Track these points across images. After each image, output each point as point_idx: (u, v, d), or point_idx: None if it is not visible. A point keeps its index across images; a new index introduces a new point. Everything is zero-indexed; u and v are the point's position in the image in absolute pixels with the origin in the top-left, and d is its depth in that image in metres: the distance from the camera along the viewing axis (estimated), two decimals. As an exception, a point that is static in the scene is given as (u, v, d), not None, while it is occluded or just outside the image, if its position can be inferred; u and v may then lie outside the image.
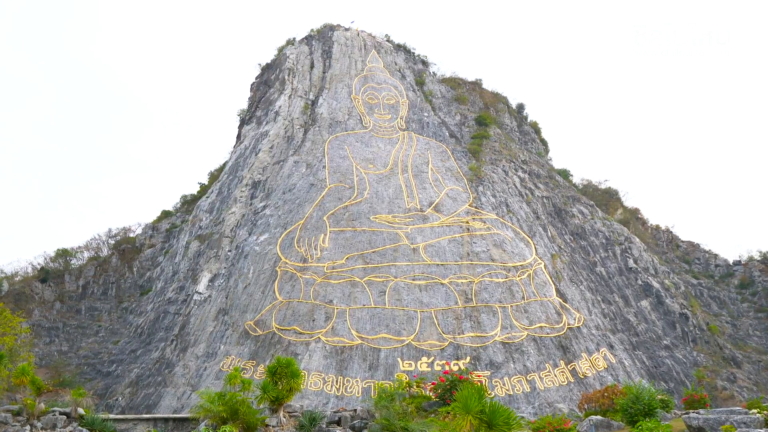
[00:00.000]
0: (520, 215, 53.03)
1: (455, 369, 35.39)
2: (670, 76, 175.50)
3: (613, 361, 41.70)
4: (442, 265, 44.99)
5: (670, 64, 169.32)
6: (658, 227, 69.15)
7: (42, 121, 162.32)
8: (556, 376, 39.32)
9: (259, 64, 72.70)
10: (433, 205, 50.95)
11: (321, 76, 66.21)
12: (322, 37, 71.02)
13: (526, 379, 38.75)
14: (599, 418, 20.88)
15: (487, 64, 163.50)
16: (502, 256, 46.43)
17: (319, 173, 53.36)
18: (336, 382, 37.96)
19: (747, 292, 58.30)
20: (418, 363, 38.93)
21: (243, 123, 67.29)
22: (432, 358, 39.38)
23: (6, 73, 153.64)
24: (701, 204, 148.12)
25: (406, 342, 40.09)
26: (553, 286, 45.59)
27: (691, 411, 22.85)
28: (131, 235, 65.22)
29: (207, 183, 66.35)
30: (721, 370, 44.68)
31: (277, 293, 43.15)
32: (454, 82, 72.60)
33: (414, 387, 29.20)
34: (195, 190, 67.84)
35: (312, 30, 73.01)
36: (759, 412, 18.37)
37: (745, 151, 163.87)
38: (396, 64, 70.13)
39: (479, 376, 34.87)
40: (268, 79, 67.67)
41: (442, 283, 43.51)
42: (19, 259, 77.54)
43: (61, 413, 26.01)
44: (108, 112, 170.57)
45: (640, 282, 51.13)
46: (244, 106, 70.47)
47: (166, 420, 28.98)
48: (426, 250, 45.88)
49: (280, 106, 61.41)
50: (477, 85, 74.23)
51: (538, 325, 41.98)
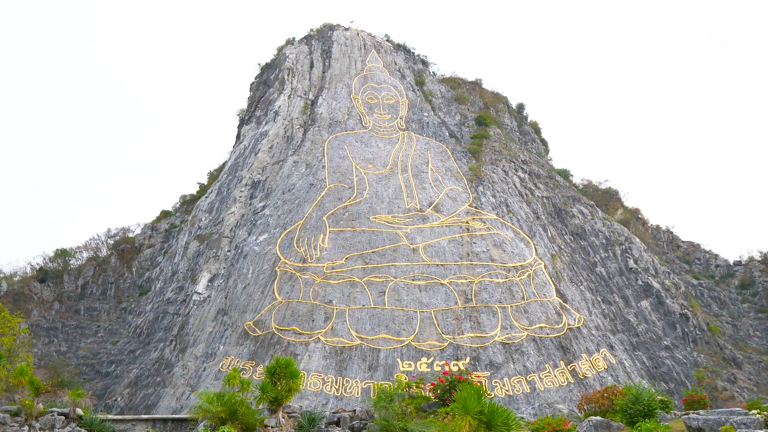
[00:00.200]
0: (520, 215, 52.94)
1: (455, 369, 35.31)
2: (670, 76, 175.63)
3: (613, 362, 41.60)
4: (442, 265, 44.89)
5: (670, 64, 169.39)
6: (658, 227, 69.06)
7: (41, 121, 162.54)
8: (556, 377, 39.22)
9: (259, 64, 72.78)
10: (433, 205, 50.86)
11: (321, 76, 66.13)
12: (322, 37, 70.93)
13: (526, 380, 38.65)
14: (599, 418, 20.80)
15: (487, 64, 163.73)
16: (502, 256, 46.34)
17: (318, 173, 53.27)
18: (335, 382, 37.86)
19: (747, 292, 58.21)
20: (418, 363, 38.83)
21: (242, 123, 67.19)
22: (432, 358, 39.28)
23: (5, 73, 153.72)
24: (702, 204, 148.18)
25: (406, 342, 40.00)
26: (553, 287, 45.50)
27: (691, 412, 22.82)
28: (130, 235, 65.21)
29: (206, 183, 66.33)
30: (721, 370, 44.56)
31: (276, 293, 43.06)
32: (453, 82, 72.51)
33: (413, 387, 29.16)
34: (194, 190, 67.92)
35: (312, 30, 72.95)
36: (759, 413, 18.34)
37: (745, 151, 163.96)
38: (396, 63, 70.05)
39: (479, 377, 34.80)
40: (268, 79, 67.55)
41: (441, 284, 43.42)
42: (18, 259, 77.64)
43: (59, 414, 26.02)
44: (107, 111, 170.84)
45: (641, 282, 51.02)
46: (244, 105, 70.47)
47: (165, 420, 28.93)
48: (426, 251, 45.79)
49: (280, 106, 61.32)
50: (477, 85, 74.14)
51: (538, 325, 41.88)
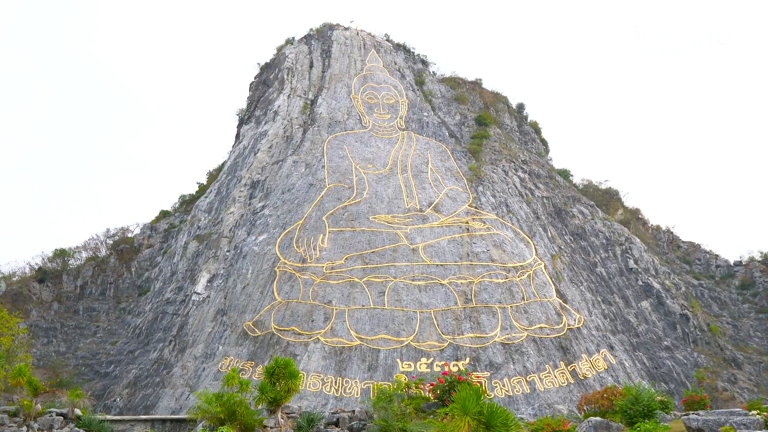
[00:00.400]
0: (520, 215, 52.84)
1: (455, 370, 35.20)
2: (670, 76, 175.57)
3: (614, 362, 41.50)
4: (442, 265, 44.78)
5: (670, 64, 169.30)
6: (658, 228, 68.95)
7: (41, 121, 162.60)
8: (556, 377, 39.12)
9: (258, 64, 72.56)
10: (433, 205, 50.76)
11: (320, 76, 66.03)
12: (322, 37, 70.81)
13: (526, 380, 38.55)
14: (598, 419, 20.72)
15: (487, 64, 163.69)
16: (501, 256, 46.24)
17: (318, 173, 53.17)
18: (335, 383, 37.76)
19: (748, 292, 58.08)
20: (418, 364, 38.73)
21: (242, 123, 67.05)
22: (431, 358, 39.18)
23: (5, 73, 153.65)
24: (702, 204, 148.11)
25: (406, 343, 39.89)
26: (553, 287, 45.40)
27: (690, 412, 22.76)
28: (129, 235, 65.14)
29: (206, 183, 66.24)
30: (721, 371, 44.46)
31: (275, 294, 42.96)
32: (453, 82, 72.42)
33: (413, 388, 29.10)
34: (193, 190, 67.88)
35: (311, 29, 72.84)
36: (759, 414, 18.28)
37: (745, 151, 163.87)
38: (395, 63, 69.94)
39: (478, 377, 34.71)
40: (267, 79, 67.41)
41: (441, 284, 43.31)
42: (17, 259, 77.49)
43: (58, 414, 25.99)
44: (106, 111, 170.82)
45: (641, 283, 50.93)
46: (243, 105, 70.29)
47: (164, 421, 28.90)
48: (425, 251, 45.69)
49: (279, 106, 61.22)
50: (477, 84, 74.04)
51: (538, 325, 41.79)
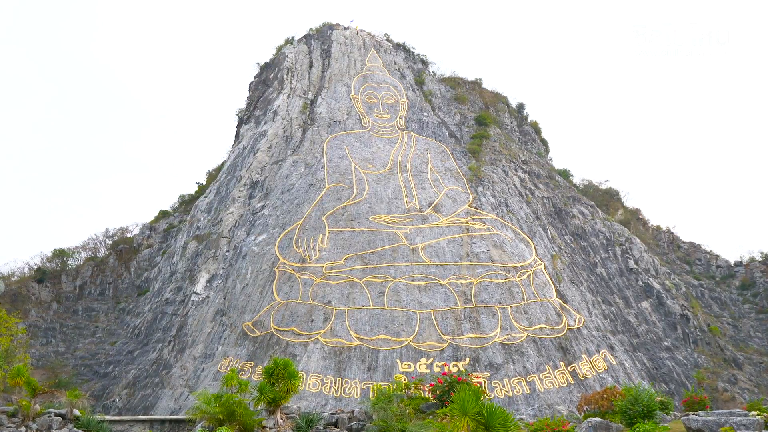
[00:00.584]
0: (520, 216, 52.76)
1: (454, 370, 35.11)
2: (670, 76, 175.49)
3: (614, 363, 41.42)
4: (442, 265, 44.68)
5: (670, 64, 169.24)
6: (659, 228, 68.84)
7: (40, 121, 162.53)
8: (556, 378, 39.03)
9: (258, 64, 72.44)
10: (433, 205, 50.67)
11: (320, 76, 65.92)
12: (321, 36, 70.70)
13: (526, 381, 38.47)
14: (598, 420, 20.64)
15: (487, 64, 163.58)
16: (501, 256, 46.15)
17: (317, 173, 53.06)
18: (334, 383, 37.67)
19: (748, 293, 58.00)
20: (417, 364, 38.64)
21: (241, 122, 66.98)
22: (431, 359, 39.09)
23: (4, 73, 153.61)
24: (702, 205, 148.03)
25: (405, 343, 39.80)
26: (553, 287, 45.32)
27: (690, 413, 22.74)
28: (128, 235, 65.04)
29: (205, 183, 66.15)
30: (722, 371, 44.37)
31: (275, 294, 42.88)
32: (453, 82, 72.31)
33: (412, 388, 29.02)
34: (193, 190, 67.79)
35: (311, 29, 72.73)
36: (759, 414, 18.22)
37: (746, 151, 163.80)
38: (395, 63, 69.83)
39: (478, 378, 34.66)
40: (267, 79, 67.30)
41: (441, 284, 43.22)
42: (16, 260, 77.37)
43: (56, 414, 25.93)
44: (106, 111, 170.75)
45: (641, 283, 50.84)
46: (243, 105, 70.24)
47: (162, 421, 28.90)
48: (425, 251, 45.60)
49: (279, 106, 61.10)
50: (477, 84, 73.92)
51: (538, 326, 41.71)
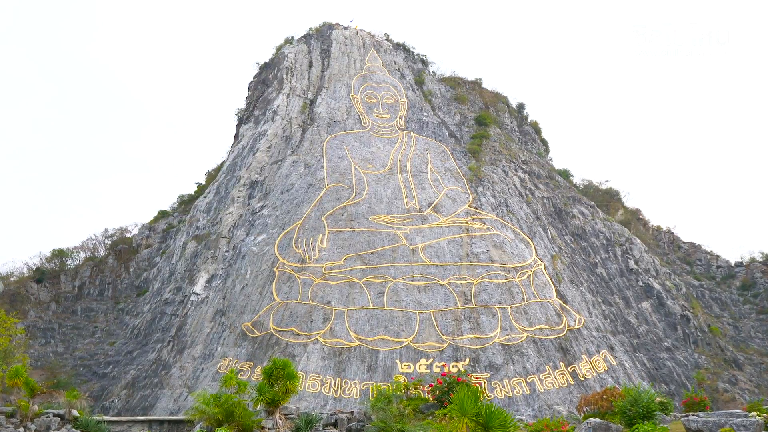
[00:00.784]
0: (520, 216, 52.67)
1: (454, 371, 35.02)
2: (670, 76, 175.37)
3: (614, 363, 41.34)
4: (441, 266, 44.59)
5: (670, 64, 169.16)
6: (659, 228, 68.72)
7: (39, 121, 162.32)
8: (556, 378, 38.96)
9: (257, 63, 72.11)
10: (433, 205, 50.58)
11: (319, 75, 65.77)
12: (321, 36, 70.53)
13: (526, 381, 38.39)
14: (597, 420, 20.54)
15: (487, 63, 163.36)
16: (501, 257, 46.07)
17: (317, 173, 52.95)
18: (334, 383, 37.60)
19: (749, 293, 57.91)
20: (417, 365, 38.57)
21: (241, 122, 66.81)
22: (431, 359, 39.01)
23: (3, 73, 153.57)
24: (703, 205, 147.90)
25: (405, 343, 39.73)
26: (553, 288, 45.23)
27: (690, 414, 22.64)
28: (128, 235, 64.90)
29: (204, 183, 65.95)
30: (722, 372, 44.29)
31: (274, 294, 42.80)
32: (453, 82, 72.14)
33: (411, 389, 28.94)
34: (192, 190, 67.56)
35: (310, 29, 72.48)
36: (759, 415, 18.13)
37: (746, 151, 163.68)
38: (395, 63, 69.67)
39: (477, 378, 34.56)
40: (266, 78, 67.15)
41: (441, 284, 43.12)
42: (15, 260, 77.34)
43: (55, 415, 25.80)
44: (105, 111, 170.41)
45: (641, 283, 50.76)
46: (242, 105, 69.91)
47: (161, 422, 28.79)
48: (425, 251, 45.51)
49: (278, 106, 60.97)
50: (477, 84, 73.73)
51: (538, 326, 41.63)
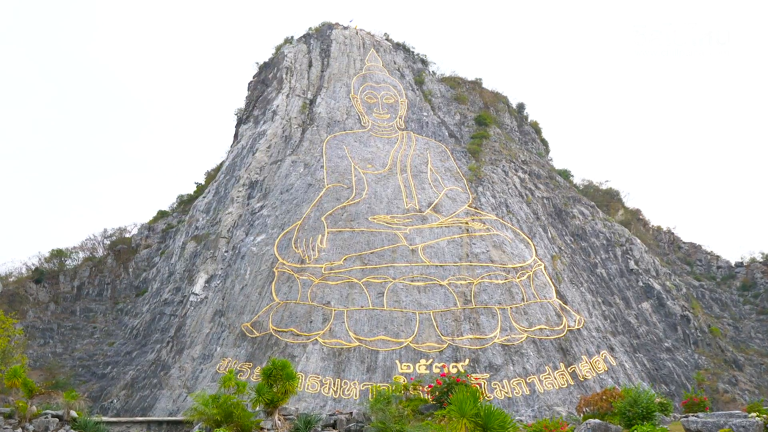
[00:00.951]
0: (520, 216, 52.60)
1: (454, 371, 34.93)
2: (670, 76, 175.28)
3: (614, 364, 41.27)
4: (441, 266, 44.51)
5: (670, 64, 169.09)
6: (659, 228, 68.64)
7: (39, 120, 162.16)
8: (555, 379, 38.89)
9: (257, 63, 71.87)
10: (432, 205, 50.50)
11: (319, 75, 65.65)
12: (321, 36, 70.42)
13: (526, 382, 38.32)
14: (597, 421, 20.46)
15: (487, 63, 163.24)
16: (501, 257, 46.00)
17: (317, 173, 52.86)
18: (333, 384, 37.52)
19: (749, 294, 57.85)
20: (417, 365, 38.51)
21: (240, 122, 66.68)
22: (430, 360, 38.94)
23: (3, 72, 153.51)
24: (703, 205, 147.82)
25: (405, 344, 39.65)
26: (553, 288, 45.17)
27: (690, 414, 22.59)
28: (127, 235, 64.70)
29: (204, 183, 65.73)
30: (722, 372, 44.23)
31: (274, 294, 42.73)
32: (453, 82, 72.01)
33: (411, 390, 28.85)
34: (191, 190, 67.29)
35: (310, 28, 72.32)
36: (758, 416, 18.08)
37: (746, 151, 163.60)
38: (395, 63, 69.56)
39: (477, 379, 34.52)
40: (266, 78, 67.02)
41: (440, 285, 43.04)
42: (13, 260, 77.06)
43: (53, 416, 25.76)
44: (104, 111, 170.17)
45: (641, 284, 50.69)
46: (242, 105, 69.69)
47: (160, 423, 28.70)
48: (425, 251, 45.44)
49: (278, 106, 60.85)
50: (477, 84, 73.60)
51: (538, 327, 41.56)
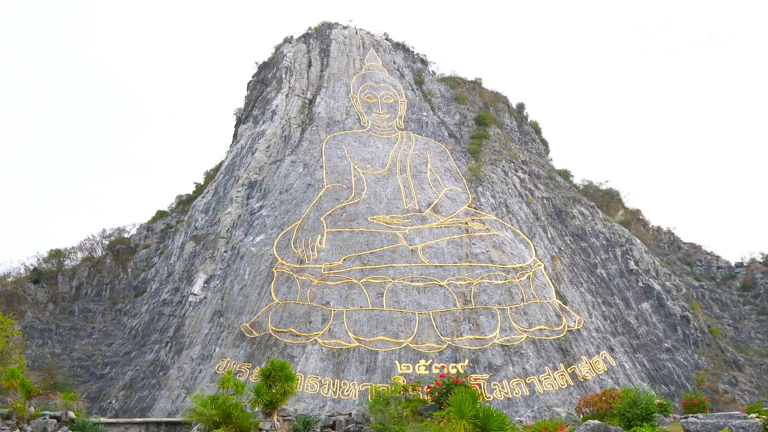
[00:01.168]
0: (519, 216, 52.51)
1: (453, 372, 34.88)
2: (670, 76, 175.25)
3: (614, 364, 41.19)
4: (441, 266, 44.43)
5: (670, 64, 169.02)
6: (659, 229, 68.61)
7: (38, 120, 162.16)
8: (555, 380, 38.82)
9: (256, 63, 71.69)
10: (432, 205, 50.40)
11: (319, 75, 65.51)
12: (320, 36, 70.25)
13: (525, 383, 38.24)
14: (596, 422, 20.35)
15: (487, 63, 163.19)
16: (501, 257, 45.91)
17: (316, 173, 52.76)
18: (333, 384, 37.46)
19: (749, 294, 57.82)
20: (416, 366, 38.44)
21: (239, 122, 66.53)
22: (430, 360, 38.87)
23: (3, 72, 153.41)
24: (703, 205, 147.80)
25: (404, 344, 39.57)
26: (552, 288, 45.09)
27: (689, 415, 22.47)
28: (126, 235, 64.62)
29: (203, 183, 65.57)
30: (722, 373, 44.16)
31: (273, 295, 42.65)
32: (453, 81, 71.87)
33: (410, 390, 28.73)
34: (190, 189, 67.18)
35: (310, 28, 72.16)
36: (758, 417, 18.01)
37: (747, 152, 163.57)
38: (395, 62, 69.42)
39: (477, 379, 34.40)
40: (265, 78, 66.87)
41: (440, 285, 42.96)
42: (12, 260, 76.67)
43: (51, 417, 25.65)
44: (104, 111, 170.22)
45: (641, 284, 50.62)
46: (241, 105, 69.58)
47: (158, 424, 28.58)
48: (424, 252, 45.35)
49: (277, 105, 60.72)
50: (477, 84, 73.46)
51: (538, 327, 41.49)
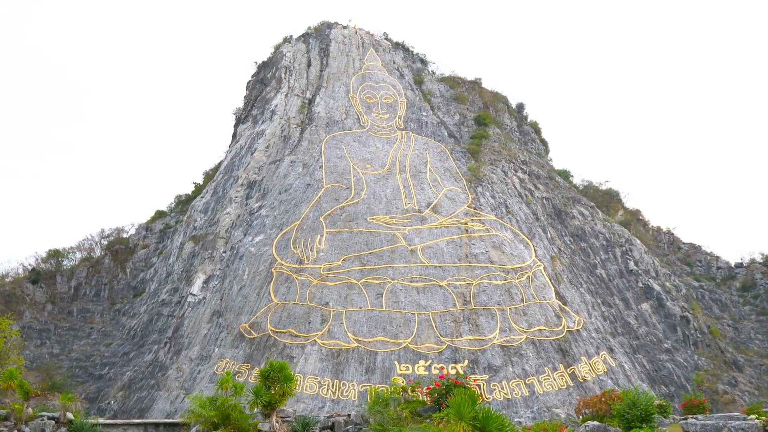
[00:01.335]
0: (519, 216, 52.43)
1: (453, 372, 34.80)
2: (670, 76, 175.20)
3: (613, 365, 41.12)
4: (440, 266, 44.34)
5: (670, 64, 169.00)
6: (659, 229, 68.57)
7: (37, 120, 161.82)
8: (555, 380, 38.75)
9: (255, 62, 71.42)
10: (432, 206, 50.31)
11: (318, 75, 65.39)
12: (320, 35, 70.13)
13: (525, 383, 38.17)
14: (596, 423, 20.30)
15: (486, 63, 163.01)
16: (501, 257, 45.83)
17: (315, 173, 52.66)
18: (332, 385, 37.37)
19: (749, 294, 57.78)
20: (416, 366, 38.37)
21: (238, 122, 66.39)
22: (429, 361, 38.78)
23: (2, 72, 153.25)
24: (703, 206, 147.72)
25: (404, 345, 39.49)
26: (552, 289, 45.01)
27: (689, 416, 22.44)
28: (124, 235, 64.42)
29: (202, 183, 65.36)
30: (722, 374, 44.11)
31: (272, 295, 42.56)
32: (453, 81, 71.75)
33: (409, 391, 28.65)
34: (189, 189, 66.90)
35: (309, 28, 71.99)
36: (757, 418, 17.98)
37: (747, 152, 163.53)
38: (394, 62, 69.31)
39: (476, 380, 34.36)
40: (265, 78, 66.73)
41: (440, 285, 42.87)
42: (10, 260, 76.40)
43: (49, 418, 25.48)
44: (104, 111, 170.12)
45: (641, 284, 50.55)
46: (240, 104, 69.42)
47: (157, 425, 28.43)
48: (424, 252, 45.27)
49: (277, 105, 60.59)
50: (476, 84, 73.32)
51: (538, 328, 41.41)
